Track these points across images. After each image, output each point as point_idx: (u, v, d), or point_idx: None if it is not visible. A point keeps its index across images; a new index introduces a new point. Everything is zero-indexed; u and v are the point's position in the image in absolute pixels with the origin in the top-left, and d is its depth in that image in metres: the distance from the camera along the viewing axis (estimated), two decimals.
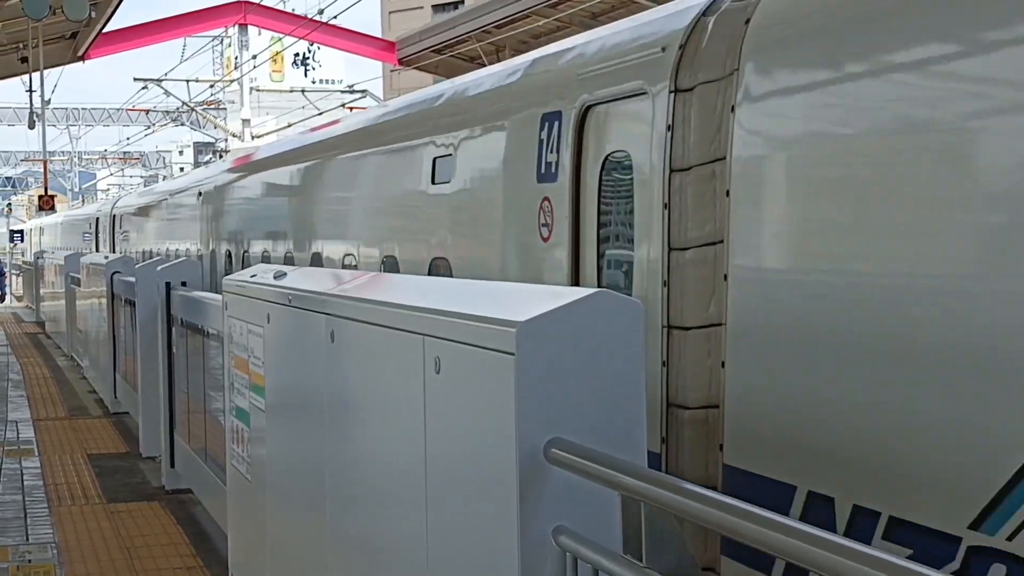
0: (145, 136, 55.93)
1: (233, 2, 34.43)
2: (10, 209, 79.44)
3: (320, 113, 32.57)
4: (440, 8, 54.98)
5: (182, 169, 70.05)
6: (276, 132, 34.83)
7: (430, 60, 29.54)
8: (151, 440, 10.85)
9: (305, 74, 72.68)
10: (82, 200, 72.26)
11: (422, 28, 31.21)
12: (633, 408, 2.97)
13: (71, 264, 19.95)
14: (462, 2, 51.13)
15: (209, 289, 11.31)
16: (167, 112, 50.33)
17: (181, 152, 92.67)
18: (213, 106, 56.11)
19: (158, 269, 10.22)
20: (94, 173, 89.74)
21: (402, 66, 33.17)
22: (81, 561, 7.63)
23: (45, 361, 20.72)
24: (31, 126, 30.11)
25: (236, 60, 40.24)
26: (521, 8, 22.81)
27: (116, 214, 29.25)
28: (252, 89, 36.74)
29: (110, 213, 30.30)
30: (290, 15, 35.01)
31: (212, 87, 44.36)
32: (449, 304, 3.40)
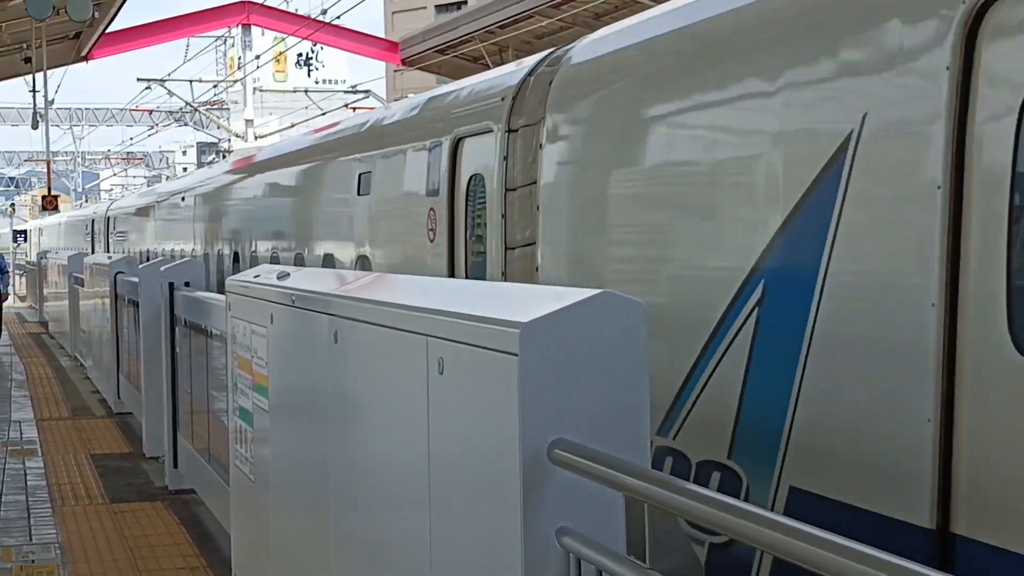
0: (148, 136, 55.92)
1: (236, 2, 34.40)
2: (13, 209, 79.50)
3: (323, 113, 32.63)
4: (443, 8, 55.03)
5: (185, 169, 70.07)
6: (279, 132, 34.83)
7: (433, 60, 29.53)
8: (154, 440, 10.86)
9: (308, 74, 72.82)
10: (85, 200, 72.37)
11: (425, 28, 31.17)
12: (637, 409, 2.96)
13: (74, 264, 19.95)
14: (465, 2, 51.19)
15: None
16: (170, 112, 50.42)
17: (184, 152, 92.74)
18: (216, 106, 56.13)
19: (162, 269, 10.22)
20: (97, 173, 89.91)
21: (405, 66, 33.19)
22: (84, 561, 7.63)
23: (48, 361, 20.72)
24: (34, 126, 30.06)
25: (239, 60, 40.21)
26: (524, 8, 22.78)
27: (111, 216, 29.49)
28: (255, 89, 36.71)
29: (105, 215, 30.50)
30: (293, 15, 34.99)
31: (215, 87, 44.34)
32: (452, 305, 3.40)
